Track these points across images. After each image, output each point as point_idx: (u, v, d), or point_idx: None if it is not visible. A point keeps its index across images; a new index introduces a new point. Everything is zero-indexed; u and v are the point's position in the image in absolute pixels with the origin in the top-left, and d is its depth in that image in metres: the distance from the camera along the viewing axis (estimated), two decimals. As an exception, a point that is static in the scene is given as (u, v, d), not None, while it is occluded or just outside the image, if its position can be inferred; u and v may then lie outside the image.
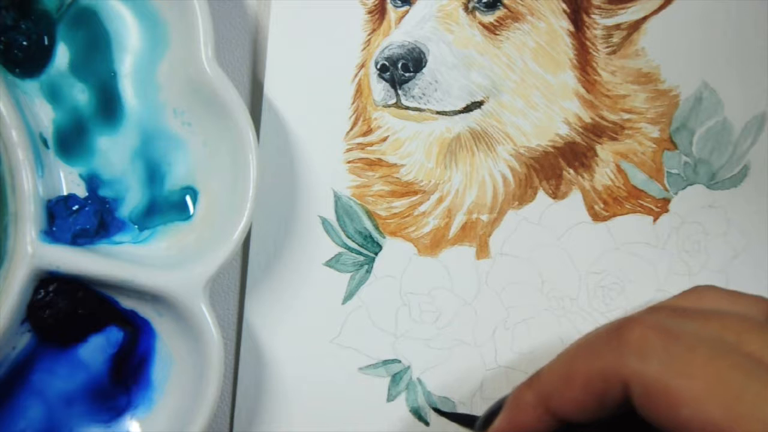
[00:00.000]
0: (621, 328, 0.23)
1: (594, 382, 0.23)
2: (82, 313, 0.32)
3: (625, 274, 0.35)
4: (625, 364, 0.22)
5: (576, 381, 0.24)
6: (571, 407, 0.24)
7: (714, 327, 0.23)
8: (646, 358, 0.22)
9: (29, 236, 0.31)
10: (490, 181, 0.35)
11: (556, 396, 0.25)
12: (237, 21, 0.37)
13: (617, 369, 0.23)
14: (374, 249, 0.35)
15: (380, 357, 0.35)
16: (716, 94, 0.35)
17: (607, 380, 0.23)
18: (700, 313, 0.24)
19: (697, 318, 0.24)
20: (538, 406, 0.25)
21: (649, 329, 0.23)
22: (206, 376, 0.31)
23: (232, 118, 0.31)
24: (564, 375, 0.24)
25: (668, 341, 0.22)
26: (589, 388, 0.23)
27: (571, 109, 0.35)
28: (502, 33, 0.35)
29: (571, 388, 0.24)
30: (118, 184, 0.33)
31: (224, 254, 0.31)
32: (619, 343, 0.23)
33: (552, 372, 0.25)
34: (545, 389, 0.25)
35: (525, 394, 0.26)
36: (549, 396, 0.25)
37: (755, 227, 0.34)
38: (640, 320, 0.23)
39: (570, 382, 0.24)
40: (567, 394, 0.24)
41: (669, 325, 0.23)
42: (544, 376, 0.25)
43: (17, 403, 0.32)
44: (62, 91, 0.33)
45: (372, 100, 0.36)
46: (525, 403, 0.26)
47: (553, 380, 0.25)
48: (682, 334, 0.22)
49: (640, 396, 0.22)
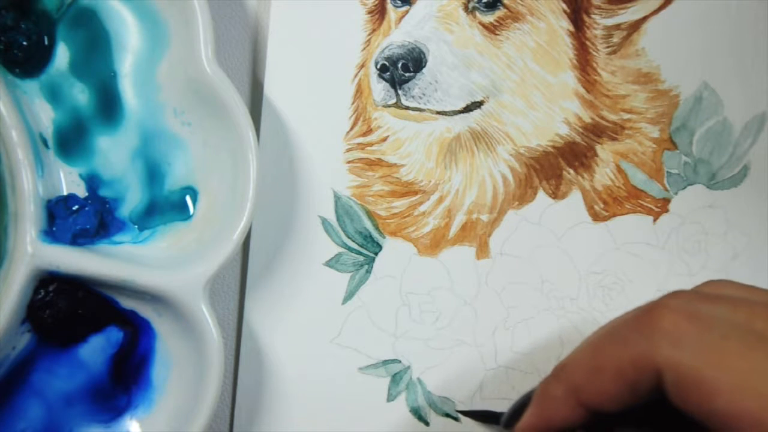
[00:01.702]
0: (650, 313, 0.23)
1: (626, 371, 0.23)
2: (82, 313, 0.32)
3: (625, 274, 0.35)
4: (657, 352, 0.22)
5: (606, 371, 0.23)
6: (602, 398, 0.24)
7: (743, 313, 0.22)
8: (680, 345, 0.22)
9: (29, 236, 0.31)
10: (490, 181, 0.35)
11: (586, 387, 0.24)
12: (237, 21, 0.37)
13: (650, 356, 0.22)
14: (374, 249, 0.35)
15: (380, 357, 0.35)
16: (716, 94, 0.35)
17: (640, 368, 0.22)
18: (726, 298, 0.23)
19: (724, 303, 0.23)
20: (568, 398, 0.25)
21: (680, 315, 0.22)
22: (206, 376, 0.31)
23: (232, 118, 0.31)
24: (593, 365, 0.24)
25: (702, 329, 0.22)
26: (621, 378, 0.23)
27: (571, 109, 0.35)
28: (502, 33, 0.35)
29: (601, 378, 0.23)
30: (118, 184, 0.33)
31: (224, 254, 0.31)
32: (651, 330, 0.22)
33: (580, 363, 0.25)
34: (574, 381, 0.24)
35: (553, 388, 0.25)
36: (579, 388, 0.24)
37: (755, 227, 0.34)
38: (670, 306, 0.23)
39: (600, 372, 0.24)
40: (598, 385, 0.24)
41: (700, 311, 0.22)
42: (571, 367, 0.25)
43: (17, 403, 0.32)
44: (62, 91, 0.33)
45: (372, 100, 0.36)
46: (554, 396, 0.25)
47: (582, 371, 0.24)
48: (715, 322, 0.22)
49: (673, 385, 0.22)
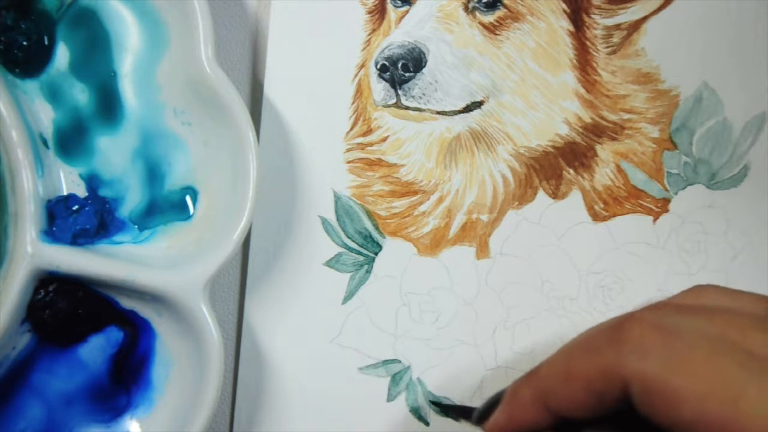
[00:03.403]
0: (621, 325, 0.23)
1: (593, 380, 0.23)
2: (82, 313, 0.32)
3: (625, 274, 0.35)
4: (624, 363, 0.22)
5: (575, 379, 0.24)
6: (569, 405, 0.24)
7: (717, 324, 0.23)
8: (646, 356, 0.22)
9: (29, 236, 0.31)
10: (490, 181, 0.35)
11: (554, 393, 0.24)
12: (237, 21, 0.37)
13: (617, 367, 0.22)
14: (374, 249, 0.35)
15: (380, 357, 0.35)
16: (716, 94, 0.35)
17: (607, 379, 0.23)
18: (702, 310, 0.24)
19: (699, 315, 0.23)
20: (536, 402, 0.25)
21: (649, 327, 0.23)
22: (206, 376, 0.31)
23: (232, 118, 0.31)
24: (563, 372, 0.24)
25: (668, 339, 0.22)
26: (589, 386, 0.23)
27: (571, 109, 0.35)
28: (502, 33, 0.35)
29: (570, 385, 0.24)
30: (118, 184, 0.33)
31: (224, 254, 0.31)
32: (619, 341, 0.23)
33: (551, 369, 0.25)
34: (543, 386, 0.25)
35: (523, 390, 0.26)
36: (547, 393, 0.25)
37: (755, 227, 0.34)
38: (640, 318, 0.23)
39: (569, 379, 0.24)
40: (566, 392, 0.24)
41: (669, 323, 0.23)
42: (542, 372, 0.25)
43: (17, 403, 0.32)
44: (62, 91, 0.33)
45: (372, 100, 0.36)
46: (523, 399, 0.25)
47: (551, 377, 0.25)
48: (683, 332, 0.22)
49: (640, 394, 0.22)
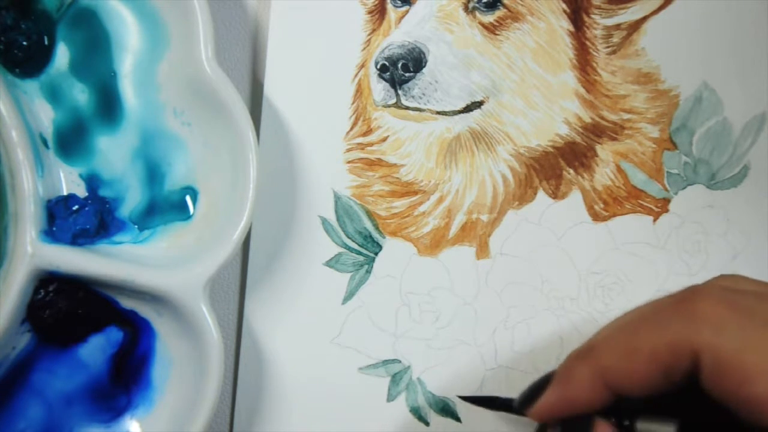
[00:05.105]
0: (690, 299, 0.23)
1: (661, 354, 0.23)
2: (82, 313, 0.32)
3: (625, 274, 0.35)
4: (697, 336, 0.22)
5: (641, 353, 0.23)
6: (633, 380, 0.23)
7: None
8: (722, 330, 0.22)
9: (29, 236, 0.31)
10: (490, 181, 0.35)
11: (616, 369, 0.24)
12: (237, 21, 0.37)
13: (689, 340, 0.22)
14: (374, 249, 0.35)
15: (380, 357, 0.35)
16: (716, 94, 0.35)
17: (677, 352, 0.22)
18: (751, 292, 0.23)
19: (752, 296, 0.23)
20: (594, 379, 0.24)
21: (721, 303, 0.22)
22: (206, 376, 0.31)
23: (232, 118, 0.31)
24: (626, 347, 0.24)
25: (743, 317, 0.22)
26: (655, 360, 0.23)
27: (571, 109, 0.35)
28: (502, 33, 0.35)
29: (634, 360, 0.23)
30: (118, 184, 0.33)
31: (224, 254, 0.31)
32: (692, 314, 0.22)
33: (611, 345, 0.24)
34: (604, 363, 0.24)
35: (579, 368, 0.25)
36: (608, 369, 0.24)
37: (755, 227, 0.34)
38: (710, 293, 0.23)
39: (633, 354, 0.23)
40: (630, 367, 0.23)
41: (738, 300, 0.22)
42: (601, 348, 0.24)
43: (17, 403, 0.32)
44: (62, 91, 0.33)
45: (372, 100, 0.36)
46: (579, 377, 0.25)
47: (613, 353, 0.24)
48: (755, 311, 0.22)
49: (711, 369, 0.22)
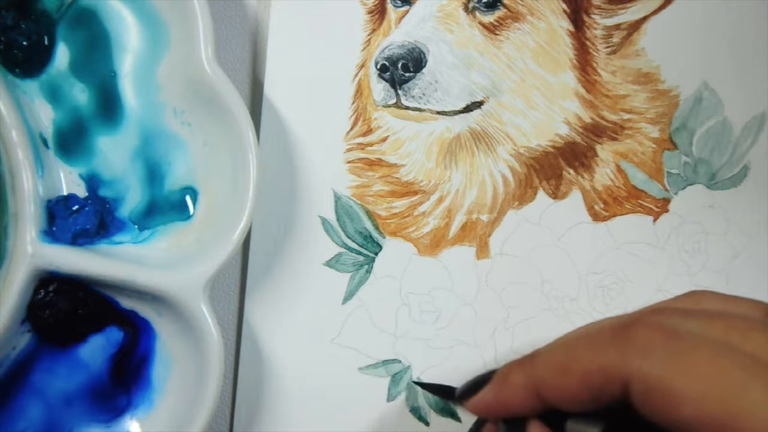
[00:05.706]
0: (628, 327, 0.23)
1: (592, 376, 0.23)
2: (82, 313, 0.32)
3: (625, 274, 0.35)
4: (627, 363, 0.22)
5: (573, 372, 0.24)
6: (563, 397, 0.24)
7: (718, 327, 0.23)
8: (649, 357, 0.22)
9: (29, 236, 0.31)
10: (490, 181, 0.35)
11: (549, 383, 0.25)
12: (237, 21, 0.37)
13: (620, 367, 0.23)
14: (374, 249, 0.35)
15: (380, 357, 0.35)
16: (716, 94, 0.35)
17: (607, 377, 0.23)
18: (703, 313, 0.24)
19: (701, 318, 0.24)
20: (528, 388, 0.25)
21: (654, 329, 0.23)
22: (206, 376, 0.31)
23: (232, 118, 0.31)
24: (561, 365, 0.24)
25: (671, 341, 0.22)
26: (586, 382, 0.23)
27: (571, 109, 0.35)
28: (502, 33, 0.35)
29: (567, 378, 0.24)
30: (118, 184, 0.33)
31: (224, 254, 0.31)
32: (625, 343, 0.23)
33: (549, 358, 0.25)
34: (539, 374, 0.25)
35: (516, 375, 0.26)
36: (542, 382, 0.25)
37: (755, 227, 0.34)
38: (646, 321, 0.23)
39: (567, 372, 0.24)
40: (562, 384, 0.24)
41: (673, 325, 0.23)
42: (539, 361, 0.25)
43: (17, 403, 0.32)
44: (62, 91, 0.33)
45: (372, 100, 0.36)
46: (515, 382, 0.26)
47: (549, 367, 0.25)
48: (686, 335, 0.22)
49: (641, 394, 0.22)
